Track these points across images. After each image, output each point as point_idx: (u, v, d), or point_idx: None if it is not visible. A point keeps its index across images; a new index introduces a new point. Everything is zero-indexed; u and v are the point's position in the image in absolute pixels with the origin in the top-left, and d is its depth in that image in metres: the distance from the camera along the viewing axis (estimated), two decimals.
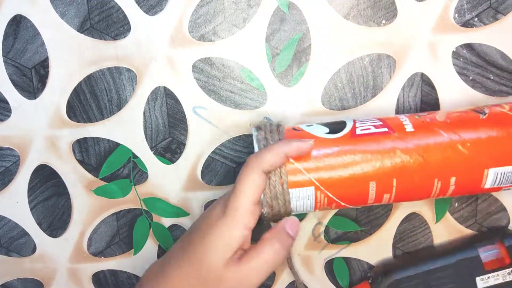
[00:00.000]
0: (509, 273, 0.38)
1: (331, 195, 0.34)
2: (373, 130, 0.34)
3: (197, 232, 0.34)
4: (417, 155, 0.33)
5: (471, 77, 0.40)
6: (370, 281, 0.41)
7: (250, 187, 0.33)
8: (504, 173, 0.33)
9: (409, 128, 0.34)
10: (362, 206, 0.37)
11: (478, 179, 0.34)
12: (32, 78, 0.41)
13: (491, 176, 0.33)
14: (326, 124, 0.36)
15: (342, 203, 0.34)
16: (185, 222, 0.43)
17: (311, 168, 0.33)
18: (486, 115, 0.34)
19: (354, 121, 0.35)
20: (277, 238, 0.33)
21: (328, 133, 0.34)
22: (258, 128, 0.36)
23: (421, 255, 0.42)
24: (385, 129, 0.34)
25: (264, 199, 0.33)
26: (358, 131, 0.34)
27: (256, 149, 0.34)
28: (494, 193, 0.41)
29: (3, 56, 0.41)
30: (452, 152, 0.33)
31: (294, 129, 0.36)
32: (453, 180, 0.33)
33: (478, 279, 0.38)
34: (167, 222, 0.43)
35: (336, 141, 0.34)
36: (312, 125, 0.36)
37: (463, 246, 0.40)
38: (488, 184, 0.34)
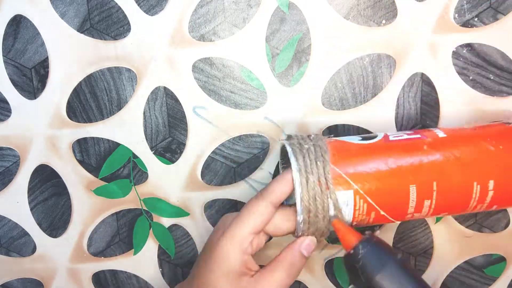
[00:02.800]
0: None
1: (370, 201, 0.32)
2: (406, 136, 0.34)
3: (202, 257, 0.35)
4: (453, 155, 0.33)
5: (471, 77, 0.40)
6: (365, 238, 0.35)
7: (253, 216, 0.33)
8: None
9: (441, 134, 0.34)
10: (402, 219, 0.35)
11: None
12: (32, 78, 0.41)
13: None
14: (357, 135, 0.36)
15: (382, 212, 0.33)
16: (185, 222, 0.43)
17: (349, 172, 0.32)
18: None
19: (385, 133, 0.35)
20: (291, 260, 0.33)
21: (361, 140, 0.34)
22: (289, 137, 0.35)
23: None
24: (418, 136, 0.34)
25: (300, 202, 0.32)
26: (391, 138, 0.34)
27: (292, 159, 0.33)
28: None
29: (3, 56, 0.41)
30: (487, 153, 0.33)
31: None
32: (491, 184, 0.33)
33: None
34: (167, 222, 0.43)
35: (371, 146, 0.34)
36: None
37: None
38: None
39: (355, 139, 0.35)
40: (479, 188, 0.33)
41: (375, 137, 0.35)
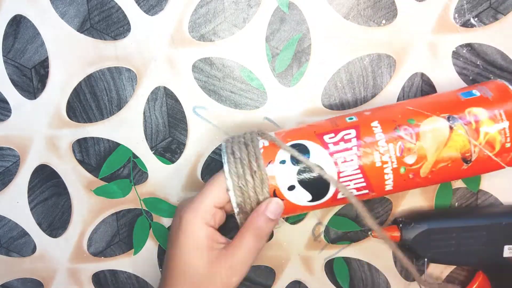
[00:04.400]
0: None
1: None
2: (354, 193, 0.34)
3: (169, 238, 0.36)
4: None
5: (471, 77, 0.40)
6: (400, 226, 0.39)
7: (215, 189, 0.34)
8: None
9: (388, 187, 0.34)
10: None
11: None
12: (32, 78, 0.41)
13: None
14: (307, 184, 0.34)
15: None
16: None
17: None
18: (470, 163, 0.34)
19: (338, 177, 0.34)
20: (257, 224, 0.34)
21: (311, 200, 0.34)
22: (228, 140, 0.36)
23: (457, 211, 0.41)
24: (366, 191, 0.34)
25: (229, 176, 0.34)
26: (339, 196, 0.34)
27: (225, 165, 0.34)
28: (494, 193, 0.42)
29: (3, 56, 0.41)
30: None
31: (274, 194, 0.34)
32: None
33: (506, 247, 0.38)
34: (167, 222, 0.43)
35: (315, 206, 0.35)
36: (284, 161, 0.34)
37: (502, 212, 0.40)
38: None
39: (304, 199, 0.34)
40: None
41: (324, 195, 0.34)
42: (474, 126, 0.33)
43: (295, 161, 0.33)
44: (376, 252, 0.43)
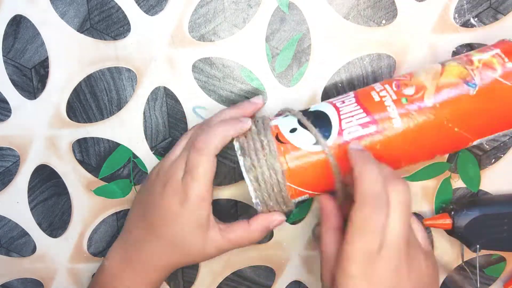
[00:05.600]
0: None
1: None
2: (360, 132, 0.33)
3: (164, 223, 0.36)
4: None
5: None
6: (452, 213, 0.39)
7: (206, 172, 0.34)
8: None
9: (396, 122, 0.32)
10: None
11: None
12: (32, 78, 0.41)
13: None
14: (308, 125, 0.34)
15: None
16: None
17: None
18: (477, 87, 0.32)
19: (339, 118, 0.34)
20: (257, 227, 0.36)
21: (315, 143, 0.33)
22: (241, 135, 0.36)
23: (509, 197, 0.41)
24: (373, 128, 0.33)
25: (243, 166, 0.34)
26: (345, 136, 0.33)
27: (240, 161, 0.34)
28: (494, 193, 0.42)
29: (3, 56, 0.41)
30: (444, 135, 0.33)
31: (278, 139, 0.34)
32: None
33: None
34: None
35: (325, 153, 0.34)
36: (287, 115, 0.36)
37: None
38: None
39: (308, 142, 0.33)
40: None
41: (328, 134, 0.33)
42: (465, 59, 0.34)
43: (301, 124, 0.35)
44: None
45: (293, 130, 0.34)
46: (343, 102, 0.34)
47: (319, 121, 0.34)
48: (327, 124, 0.33)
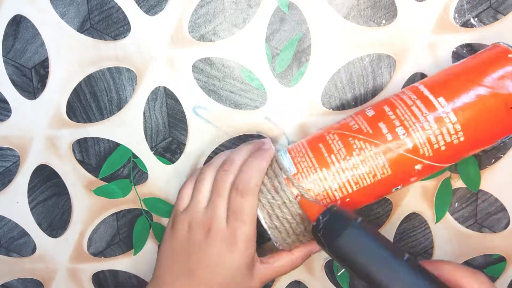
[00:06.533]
0: None
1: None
2: None
3: (213, 270, 0.34)
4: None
5: None
6: (335, 209, 0.35)
7: (253, 213, 0.34)
8: None
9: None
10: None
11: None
12: (32, 78, 0.41)
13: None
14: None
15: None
16: None
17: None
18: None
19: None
20: (296, 255, 0.36)
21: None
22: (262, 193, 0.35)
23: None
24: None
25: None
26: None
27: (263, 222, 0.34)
28: (494, 193, 0.42)
29: (3, 56, 0.41)
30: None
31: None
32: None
33: None
34: (167, 222, 0.43)
35: None
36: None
37: None
38: None
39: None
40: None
41: None
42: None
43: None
44: None
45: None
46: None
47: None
48: None
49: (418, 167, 0.33)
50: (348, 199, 0.34)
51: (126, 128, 0.41)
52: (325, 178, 0.33)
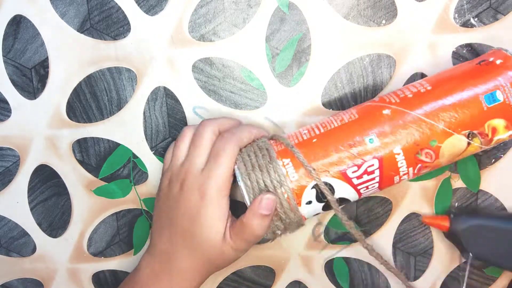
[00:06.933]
0: None
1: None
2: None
3: (186, 219, 0.35)
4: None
5: None
6: (452, 216, 0.39)
7: (230, 159, 0.35)
8: None
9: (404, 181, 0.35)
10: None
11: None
12: (32, 78, 0.41)
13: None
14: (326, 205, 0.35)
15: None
16: None
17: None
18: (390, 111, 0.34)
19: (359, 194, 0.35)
20: (252, 224, 0.35)
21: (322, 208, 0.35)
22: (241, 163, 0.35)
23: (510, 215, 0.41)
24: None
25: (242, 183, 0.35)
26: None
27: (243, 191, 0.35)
28: (494, 193, 0.42)
29: (3, 56, 0.41)
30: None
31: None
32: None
33: None
34: None
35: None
36: (310, 202, 0.35)
37: None
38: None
39: (314, 212, 0.35)
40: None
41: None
42: (489, 137, 0.34)
43: (319, 199, 0.34)
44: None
45: (308, 203, 0.34)
46: (367, 188, 0.34)
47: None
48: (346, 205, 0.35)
49: (386, 111, 0.34)
50: (315, 140, 0.34)
51: (126, 128, 0.41)
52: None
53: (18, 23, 0.40)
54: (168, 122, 0.41)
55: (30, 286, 0.45)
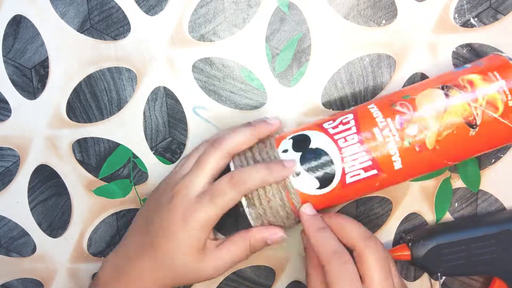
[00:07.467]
0: None
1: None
2: (363, 175, 0.34)
3: (162, 234, 0.35)
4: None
5: None
6: (410, 244, 0.40)
7: (222, 210, 0.34)
8: None
9: (397, 165, 0.33)
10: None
11: None
12: (32, 78, 0.41)
13: None
14: (312, 169, 0.34)
15: None
16: None
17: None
18: (477, 128, 0.33)
19: (342, 161, 0.33)
20: (254, 245, 0.35)
21: (319, 187, 0.34)
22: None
23: (464, 223, 0.41)
24: (374, 172, 0.33)
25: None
26: (348, 180, 0.34)
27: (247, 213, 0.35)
28: (494, 193, 0.42)
29: (3, 56, 0.41)
30: (436, 167, 0.35)
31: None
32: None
33: None
34: None
35: (327, 196, 0.34)
36: (287, 150, 0.35)
37: (508, 217, 0.40)
38: None
39: (312, 187, 0.34)
40: None
41: (331, 180, 0.34)
42: (469, 89, 0.33)
43: (296, 147, 0.34)
44: None
45: (296, 174, 0.34)
46: (346, 140, 0.33)
47: (320, 163, 0.34)
48: (329, 164, 0.33)
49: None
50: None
51: (126, 128, 0.41)
52: None
53: (18, 23, 0.40)
54: (168, 122, 0.41)
55: (30, 286, 0.45)
